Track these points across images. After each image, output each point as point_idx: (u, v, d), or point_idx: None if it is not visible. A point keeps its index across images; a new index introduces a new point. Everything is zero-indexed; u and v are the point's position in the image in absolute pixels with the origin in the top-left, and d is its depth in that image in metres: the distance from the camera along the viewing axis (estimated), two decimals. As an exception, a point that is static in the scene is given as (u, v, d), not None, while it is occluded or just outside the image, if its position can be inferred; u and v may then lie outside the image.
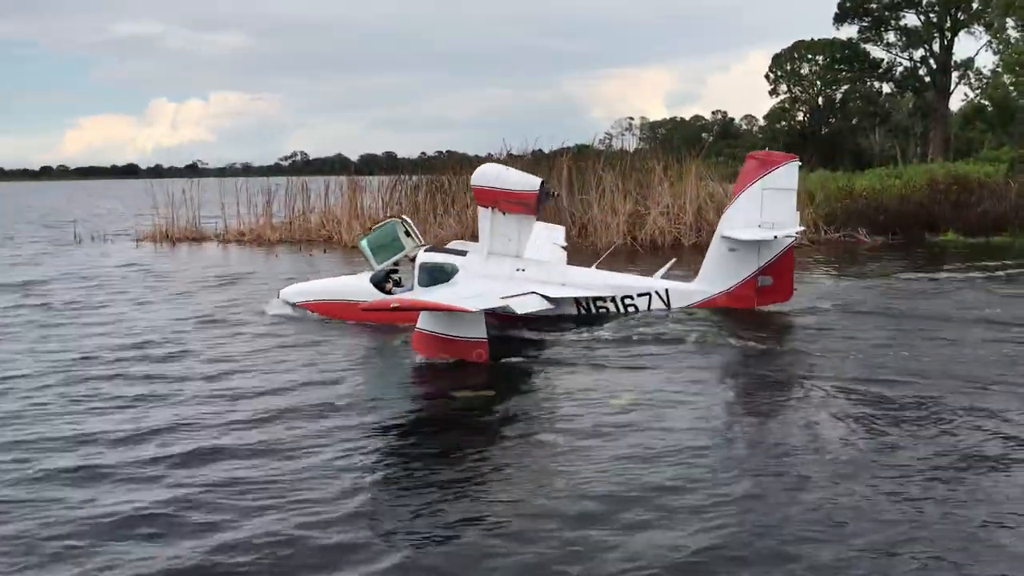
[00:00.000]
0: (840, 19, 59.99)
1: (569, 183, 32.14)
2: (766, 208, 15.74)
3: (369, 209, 34.59)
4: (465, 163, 36.03)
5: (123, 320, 17.70)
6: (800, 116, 67.88)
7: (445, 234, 30.69)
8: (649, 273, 17.39)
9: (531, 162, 33.89)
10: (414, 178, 35.59)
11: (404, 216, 17.99)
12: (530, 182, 15.92)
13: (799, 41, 65.17)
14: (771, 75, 66.65)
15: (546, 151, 37.55)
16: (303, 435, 10.04)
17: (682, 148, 37.52)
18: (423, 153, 67.74)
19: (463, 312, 12.64)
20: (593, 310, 16.05)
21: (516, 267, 16.14)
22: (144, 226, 38.31)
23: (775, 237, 15.63)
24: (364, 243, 17.12)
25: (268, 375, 12.90)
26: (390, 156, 64.35)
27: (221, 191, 40.06)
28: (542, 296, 15.32)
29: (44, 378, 12.83)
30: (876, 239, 30.92)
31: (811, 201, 31.36)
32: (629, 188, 31.71)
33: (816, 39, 64.26)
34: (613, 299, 16.07)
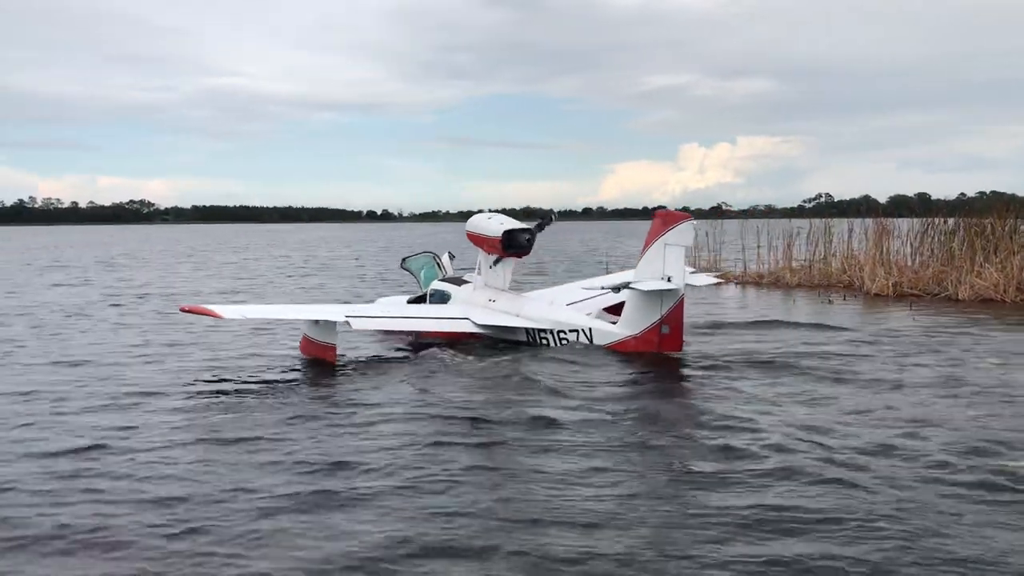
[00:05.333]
0: None
1: None
2: (668, 263, 16.89)
3: (896, 255, 32.49)
4: (1013, 204, 32.15)
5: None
6: None
7: (983, 284, 27.66)
8: None
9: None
10: (950, 222, 32.57)
11: (434, 252, 22.75)
12: (496, 229, 19.30)
13: None
14: None
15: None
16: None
17: None
18: (962, 194, 62.00)
19: (329, 322, 16.88)
20: (537, 340, 18.64)
21: (489, 297, 19.59)
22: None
23: (620, 286, 17.40)
24: (423, 274, 21.95)
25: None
26: (923, 197, 59.59)
27: (742, 232, 40.77)
28: (473, 322, 18.49)
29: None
30: None
31: None
32: None
33: None
34: (552, 332, 18.44)
